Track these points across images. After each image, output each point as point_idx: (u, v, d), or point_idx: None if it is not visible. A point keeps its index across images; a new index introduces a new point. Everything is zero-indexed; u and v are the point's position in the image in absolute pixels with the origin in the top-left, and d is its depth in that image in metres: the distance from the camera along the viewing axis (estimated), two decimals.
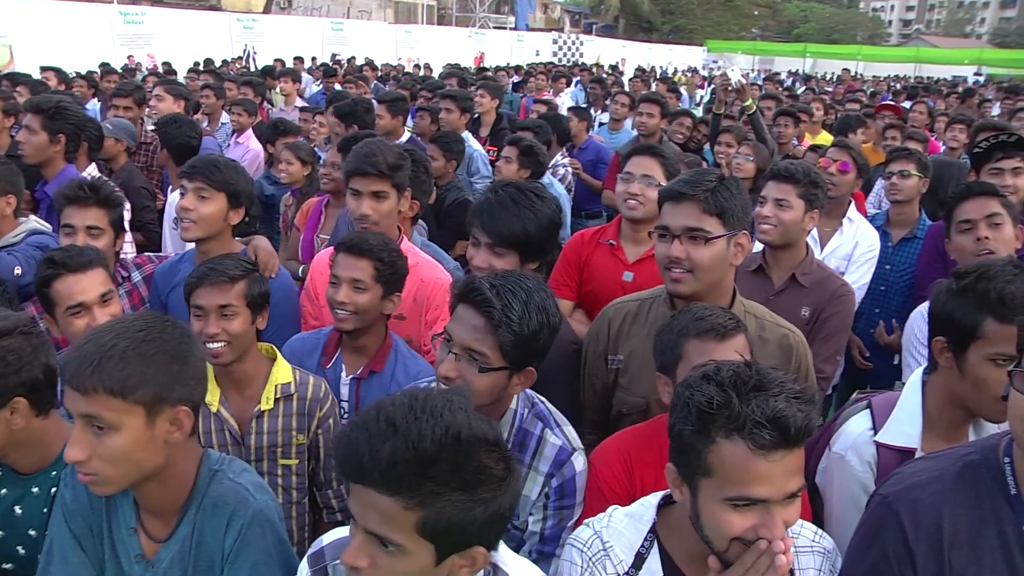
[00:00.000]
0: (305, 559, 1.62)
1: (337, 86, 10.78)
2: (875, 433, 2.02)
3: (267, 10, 35.65)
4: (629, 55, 38.09)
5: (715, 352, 1.91)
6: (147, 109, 6.56)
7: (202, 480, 1.79)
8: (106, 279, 2.69)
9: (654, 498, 1.71)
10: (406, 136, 6.30)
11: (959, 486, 1.51)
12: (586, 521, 1.75)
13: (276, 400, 2.51)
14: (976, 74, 33.84)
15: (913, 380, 2.07)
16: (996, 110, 14.17)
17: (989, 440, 1.59)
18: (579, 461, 2.09)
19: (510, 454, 1.40)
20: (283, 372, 2.55)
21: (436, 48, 29.64)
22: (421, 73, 19.14)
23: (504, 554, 1.57)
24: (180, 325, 1.76)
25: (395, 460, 1.28)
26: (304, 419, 2.54)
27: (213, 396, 2.47)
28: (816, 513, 2.12)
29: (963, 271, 1.98)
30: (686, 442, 1.48)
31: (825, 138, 7.46)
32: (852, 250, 4.05)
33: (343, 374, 2.75)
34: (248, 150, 6.55)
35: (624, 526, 1.68)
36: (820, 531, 1.71)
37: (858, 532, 1.64)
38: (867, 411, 2.08)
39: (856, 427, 2.07)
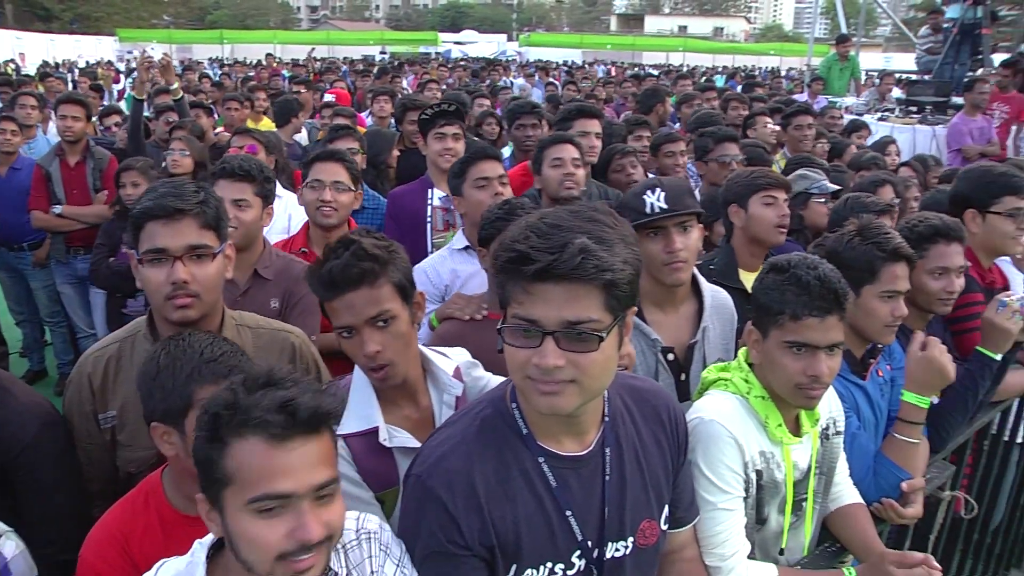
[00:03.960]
0: None
1: None
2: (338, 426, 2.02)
3: None
4: (28, 49, 33.47)
5: None
6: None
7: None
8: None
9: (208, 539, 1.54)
10: None
11: (481, 442, 1.61)
12: None
13: None
14: (382, 52, 37.49)
15: None
16: (408, 81, 16.00)
17: (497, 391, 1.72)
18: (7, 546, 1.81)
19: None
20: None
21: None
22: None
23: None
24: None
25: None
26: None
27: None
28: None
29: None
30: (203, 457, 1.39)
31: (268, 124, 7.58)
32: (288, 223, 4.33)
33: None
34: None
35: None
36: (360, 514, 1.67)
37: (403, 518, 1.66)
38: None
39: None
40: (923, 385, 2.46)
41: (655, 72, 23.97)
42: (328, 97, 8.94)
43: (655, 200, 2.45)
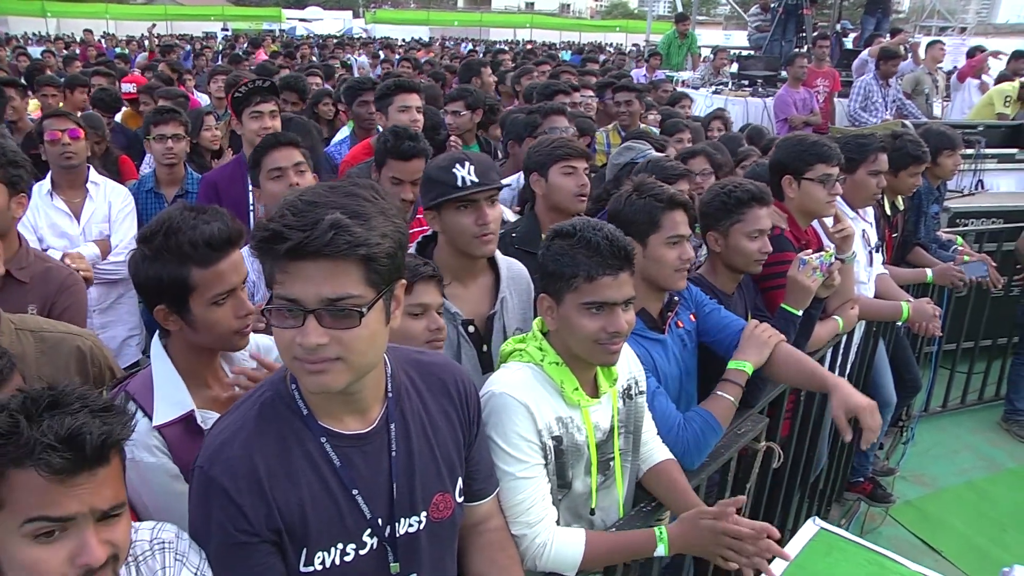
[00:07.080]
0: None
1: None
2: (151, 419, 1.91)
3: None
4: None
5: None
6: None
7: None
8: None
9: None
10: None
11: (261, 426, 1.55)
12: None
13: None
14: (224, 29, 35.87)
15: (155, 350, 2.01)
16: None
17: (277, 374, 1.66)
18: None
19: None
20: None
21: None
22: None
23: None
24: None
25: None
26: None
27: None
28: None
29: None
30: None
31: None
32: (109, 211, 4.01)
33: None
34: None
35: None
36: (156, 524, 1.60)
37: (192, 514, 1.58)
38: (131, 403, 1.91)
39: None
40: (752, 356, 2.62)
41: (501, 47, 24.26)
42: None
43: (466, 174, 2.45)
